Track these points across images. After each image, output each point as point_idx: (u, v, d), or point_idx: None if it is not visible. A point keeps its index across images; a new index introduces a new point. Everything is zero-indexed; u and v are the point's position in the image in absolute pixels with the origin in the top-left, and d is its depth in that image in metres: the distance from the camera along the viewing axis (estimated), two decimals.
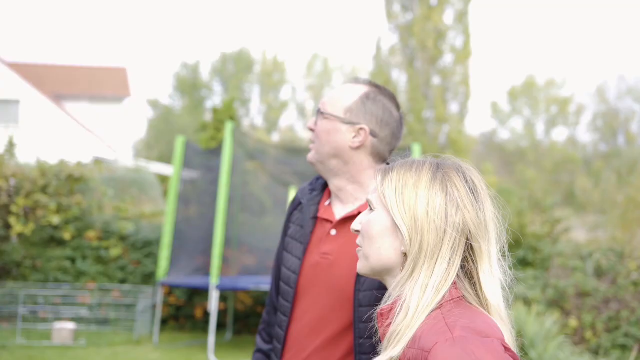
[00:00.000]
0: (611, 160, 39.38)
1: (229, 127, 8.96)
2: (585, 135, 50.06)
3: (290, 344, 2.40)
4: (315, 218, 2.44)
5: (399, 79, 28.57)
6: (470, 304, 1.60)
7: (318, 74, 49.04)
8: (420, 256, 1.59)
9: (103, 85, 29.26)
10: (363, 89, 2.40)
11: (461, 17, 27.80)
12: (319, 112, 2.41)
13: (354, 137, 2.36)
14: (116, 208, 11.16)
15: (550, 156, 41.41)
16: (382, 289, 2.24)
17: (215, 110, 17.69)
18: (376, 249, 1.67)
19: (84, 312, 9.88)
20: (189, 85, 47.57)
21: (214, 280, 8.59)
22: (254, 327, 10.73)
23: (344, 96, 2.39)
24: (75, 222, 10.44)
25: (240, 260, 10.46)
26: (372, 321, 2.24)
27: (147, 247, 10.48)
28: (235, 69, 47.96)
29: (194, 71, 48.27)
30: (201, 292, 10.43)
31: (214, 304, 8.54)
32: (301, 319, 2.38)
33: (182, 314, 10.58)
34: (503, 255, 1.67)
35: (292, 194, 9.35)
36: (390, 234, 1.65)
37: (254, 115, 48.27)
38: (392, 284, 1.69)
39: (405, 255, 1.63)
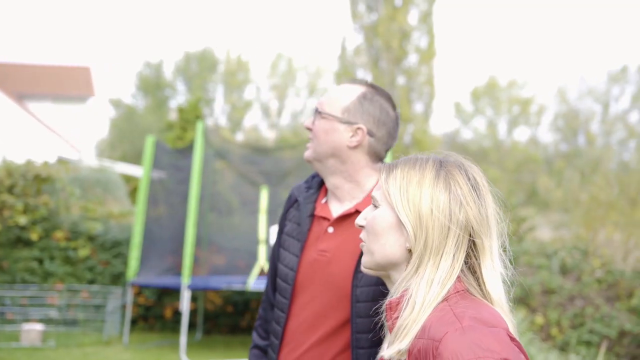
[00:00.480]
0: (572, 160, 39.99)
1: (199, 126, 8.96)
2: (546, 135, 50.70)
3: (287, 339, 2.44)
4: (312, 216, 2.49)
5: (364, 78, 28.70)
6: (475, 296, 1.65)
7: (282, 74, 49.01)
8: (425, 252, 1.64)
9: (67, 85, 28.95)
10: (360, 89, 2.45)
11: (425, 17, 27.99)
12: (317, 112, 2.46)
13: (352, 136, 2.41)
14: (84, 208, 11.08)
15: (513, 156, 41.91)
16: (380, 284, 2.29)
17: (181, 110, 17.64)
18: (381, 244, 1.73)
19: (52, 313, 9.80)
20: (152, 85, 47.25)
21: (185, 280, 8.58)
22: (224, 327, 10.73)
23: (341, 96, 2.44)
24: (42, 223, 10.35)
25: (209, 260, 10.45)
26: (369, 316, 2.30)
27: (116, 248, 10.43)
28: (199, 68, 47.75)
29: (157, 70, 47.97)
30: (171, 292, 10.40)
31: (185, 303, 8.53)
32: (299, 315, 2.42)
33: (152, 314, 10.54)
34: (504, 250, 1.73)
35: (263, 194, 9.37)
36: (395, 231, 1.70)
37: (218, 114, 48.10)
38: (397, 279, 1.74)
39: (409, 251, 1.69)
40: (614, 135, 45.41)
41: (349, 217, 2.42)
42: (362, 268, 2.20)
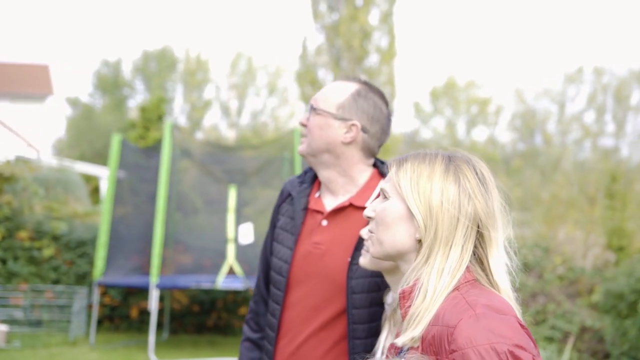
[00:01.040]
0: (529, 159, 40.54)
1: (167, 125, 8.94)
2: (504, 134, 51.29)
3: (284, 331, 2.49)
4: (306, 209, 2.54)
5: (326, 78, 28.75)
6: (484, 286, 1.72)
7: (242, 73, 48.89)
8: (435, 243, 1.70)
9: (25, 83, 28.54)
10: (354, 86, 2.51)
11: (386, 17, 28.14)
12: (312, 108, 2.51)
13: (346, 132, 2.47)
14: (48, 208, 10.97)
15: None
16: (375, 276, 2.35)
17: (143, 109, 17.54)
18: (391, 235, 1.78)
19: (17, 314, 9.70)
20: (110, 84, 46.79)
21: (154, 279, 8.56)
22: (190, 326, 10.72)
23: (336, 93, 2.50)
24: (5, 222, 10.23)
25: (176, 260, 10.43)
26: (365, 307, 2.36)
27: (81, 247, 10.35)
28: (158, 67, 47.40)
29: (116, 69, 47.50)
30: (136, 292, 10.36)
31: (154, 303, 8.51)
32: (294, 307, 2.47)
33: (117, 314, 10.48)
34: (508, 243, 1.80)
35: (232, 193, 9.38)
36: (405, 221, 1.76)
37: (177, 114, 47.81)
38: (405, 269, 1.79)
39: (419, 241, 1.74)
40: (569, 135, 46.15)
41: (342, 210, 2.49)
42: (361, 261, 2.26)
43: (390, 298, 2.35)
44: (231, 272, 9.05)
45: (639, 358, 7.66)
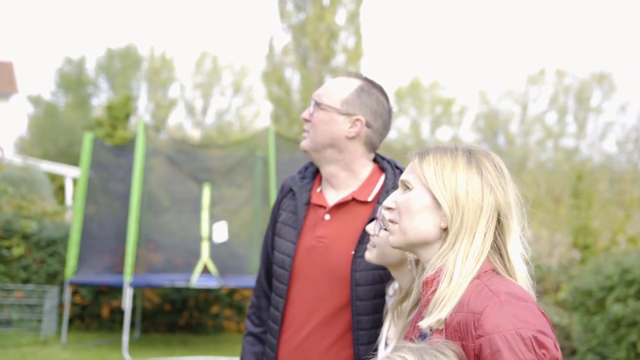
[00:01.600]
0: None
1: (141, 124, 8.92)
2: (468, 134, 51.73)
3: (287, 324, 2.54)
4: (308, 204, 2.59)
5: (292, 78, 28.78)
6: (502, 275, 1.81)
7: (207, 72, 48.67)
8: (461, 231, 1.79)
9: None
10: (358, 82, 2.56)
11: (353, 18, 28.23)
12: (315, 104, 2.55)
13: (350, 127, 2.53)
14: (17, 206, 10.88)
15: None
16: (378, 269, 2.41)
17: (110, 107, 17.42)
18: (416, 224, 1.85)
19: None
20: (74, 82, 46.27)
21: (127, 277, 8.54)
22: (162, 325, 10.70)
23: (339, 88, 2.55)
24: None
25: (147, 258, 10.41)
26: (369, 299, 2.42)
27: (52, 246, 10.28)
28: (122, 65, 46.99)
29: (79, 67, 46.99)
30: (107, 291, 10.32)
31: (127, 301, 8.50)
32: (298, 300, 2.52)
33: (88, 313, 10.43)
34: (523, 234, 1.88)
35: (206, 191, 9.39)
36: (430, 211, 1.84)
37: (142, 113, 47.45)
38: (426, 257, 1.87)
39: (443, 230, 1.83)
40: (532, 136, 46.70)
41: (345, 204, 2.54)
42: (367, 255, 2.32)
43: (391, 290, 2.42)
44: (205, 270, 9.06)
45: (605, 354, 7.82)
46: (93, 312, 10.42)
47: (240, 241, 10.80)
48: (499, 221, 1.82)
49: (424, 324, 1.78)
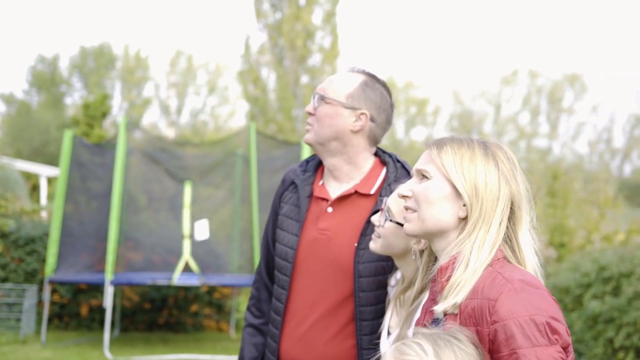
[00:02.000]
0: None
1: (123, 122, 8.91)
2: (442, 135, 52.05)
3: (290, 315, 2.58)
4: (310, 197, 2.64)
5: (269, 77, 28.78)
6: (512, 263, 1.88)
7: (182, 71, 48.48)
8: (479, 220, 1.86)
9: None
10: (362, 77, 2.62)
11: (329, 17, 28.30)
12: (320, 98, 2.60)
13: (355, 121, 2.58)
14: None
15: (410, 155, 42.91)
16: (381, 260, 2.46)
17: (87, 106, 17.32)
18: (435, 212, 1.91)
19: None
20: (47, 80, 45.86)
21: (109, 275, 8.53)
22: (141, 323, 10.68)
23: (344, 83, 2.60)
24: None
25: (126, 257, 10.38)
26: (372, 290, 2.47)
27: (30, 245, 10.22)
28: (96, 64, 46.66)
29: (52, 65, 46.59)
30: (86, 290, 10.28)
31: (109, 299, 8.48)
32: (301, 292, 2.57)
33: (66, 312, 10.39)
34: (532, 225, 1.96)
35: (187, 189, 9.39)
36: (449, 200, 1.90)
37: (116, 112, 47.18)
38: (440, 246, 1.93)
39: (460, 219, 1.89)
40: (505, 136, 47.08)
41: (347, 197, 2.60)
42: (372, 246, 2.37)
43: (393, 281, 2.47)
44: (186, 269, 9.07)
45: (583, 350, 7.94)
46: (72, 311, 10.37)
47: (219, 240, 10.81)
48: (511, 211, 1.89)
49: (439, 308, 1.84)
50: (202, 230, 9.08)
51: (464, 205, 1.89)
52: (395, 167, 2.62)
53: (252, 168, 9.28)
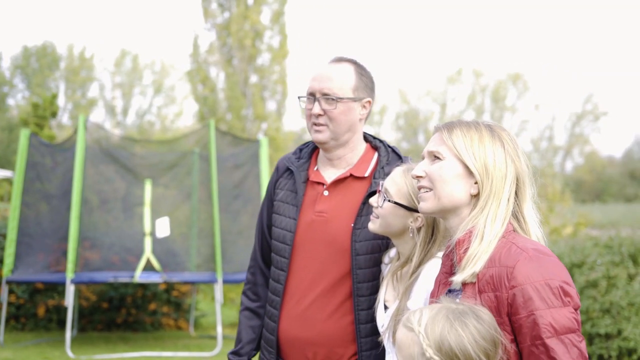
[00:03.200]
0: (413, 158, 41.74)
1: (81, 120, 8.88)
2: (389, 133, 52.52)
3: (289, 295, 2.70)
4: (306, 182, 2.76)
5: (218, 77, 28.77)
6: (521, 235, 2.07)
7: (127, 72, 48.01)
8: (490, 196, 2.05)
9: None
10: (352, 66, 2.76)
11: (278, 17, 28.40)
12: (330, 99, 2.69)
13: (362, 109, 2.74)
14: None
15: None
16: (376, 239, 2.60)
17: (35, 106, 17.14)
18: (450, 190, 2.09)
19: None
20: None
21: (70, 274, 8.50)
22: (99, 323, 10.63)
23: (345, 77, 2.72)
24: None
25: (83, 256, 10.32)
26: (368, 267, 2.61)
27: None
28: (39, 64, 45.90)
29: None
30: (43, 290, 10.21)
31: (70, 298, 8.45)
32: (300, 272, 2.69)
33: (23, 313, 10.29)
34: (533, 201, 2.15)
35: (147, 187, 9.39)
36: (462, 178, 2.08)
37: (60, 113, 46.50)
38: (454, 222, 2.11)
39: (472, 196, 2.07)
40: None
41: (342, 180, 2.74)
42: (370, 226, 2.51)
43: (387, 259, 2.62)
44: (149, 265, 9.08)
45: None
46: (29, 312, 10.28)
47: (176, 238, 10.80)
48: (517, 187, 2.08)
49: (457, 278, 2.02)
50: (163, 227, 9.10)
51: (475, 183, 2.06)
52: (387, 152, 2.78)
53: (212, 166, 9.32)
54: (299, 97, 2.82)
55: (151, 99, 48.38)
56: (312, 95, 2.74)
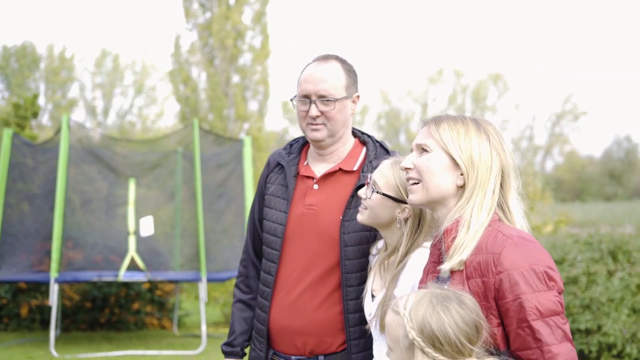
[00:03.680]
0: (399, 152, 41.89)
1: (65, 119, 8.89)
2: (370, 133, 52.72)
3: (280, 286, 2.77)
4: (296, 176, 2.84)
5: (199, 77, 28.76)
6: (506, 224, 2.15)
7: (108, 72, 47.82)
8: (476, 187, 2.13)
9: None
10: (340, 64, 2.83)
11: (259, 17, 28.42)
12: (327, 100, 2.76)
13: (352, 104, 2.83)
14: None
15: None
16: (364, 230, 2.68)
17: (16, 106, 17.04)
18: (437, 181, 2.16)
19: None
20: None
21: (54, 273, 8.50)
22: (82, 323, 10.62)
23: (336, 77, 2.78)
24: None
25: (66, 256, 10.31)
26: (357, 258, 2.68)
27: None
28: (19, 64, 45.63)
29: None
30: (26, 290, 10.19)
31: (54, 297, 8.46)
32: (290, 263, 2.76)
33: (6, 313, 10.27)
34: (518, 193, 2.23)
35: (131, 186, 9.40)
36: (448, 170, 2.16)
37: (40, 113, 46.22)
38: (442, 213, 2.19)
39: (458, 187, 2.15)
40: None
41: (332, 174, 2.81)
42: (359, 217, 2.57)
43: (374, 250, 2.69)
44: (133, 263, 9.09)
45: None
46: (11, 312, 10.26)
47: (158, 238, 10.80)
48: (502, 179, 2.16)
49: (445, 266, 2.10)
50: (147, 226, 9.12)
51: (462, 174, 2.14)
52: (375, 146, 2.85)
53: (197, 165, 9.35)
54: (291, 100, 2.86)
55: (132, 100, 48.21)
56: (306, 97, 2.78)
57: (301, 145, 2.93)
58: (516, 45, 69.25)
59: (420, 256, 2.43)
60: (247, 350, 2.98)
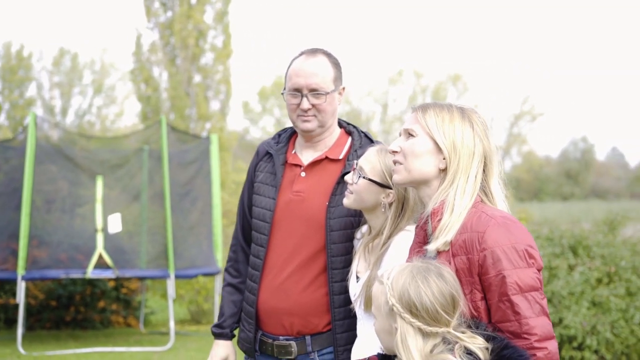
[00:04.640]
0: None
1: (32, 117, 8.87)
2: None
3: (268, 269, 2.89)
4: (284, 164, 2.95)
5: (161, 76, 28.63)
6: (490, 205, 2.29)
7: (66, 71, 47.30)
8: (458, 171, 2.26)
9: None
10: (326, 58, 2.95)
11: (221, 16, 28.38)
12: (319, 94, 2.88)
13: (339, 96, 2.96)
14: None
15: None
16: (349, 216, 2.80)
17: None
18: (420, 164, 2.30)
19: None
20: None
21: (21, 271, 8.48)
22: (47, 321, 10.59)
23: (326, 71, 2.91)
24: None
25: (31, 254, 10.24)
26: (342, 242, 2.80)
27: None
28: None
29: None
30: None
31: (21, 295, 8.44)
32: (278, 247, 2.88)
33: None
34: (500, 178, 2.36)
35: (99, 183, 9.39)
36: (431, 154, 2.29)
37: None
38: (426, 193, 2.33)
39: (441, 170, 2.28)
40: (392, 134, 48.26)
41: (318, 162, 2.94)
42: (345, 202, 2.69)
43: (359, 234, 2.82)
44: (101, 260, 9.09)
45: None
46: None
47: (123, 235, 10.77)
48: (485, 165, 2.30)
49: (431, 247, 2.24)
50: (115, 223, 9.14)
51: (444, 158, 2.27)
52: (360, 136, 2.99)
53: (164, 163, 9.37)
54: (282, 93, 2.98)
55: (91, 99, 47.74)
56: (297, 91, 2.89)
57: (289, 135, 3.07)
58: (475, 46, 70.07)
59: (403, 239, 2.57)
60: (236, 332, 3.09)
